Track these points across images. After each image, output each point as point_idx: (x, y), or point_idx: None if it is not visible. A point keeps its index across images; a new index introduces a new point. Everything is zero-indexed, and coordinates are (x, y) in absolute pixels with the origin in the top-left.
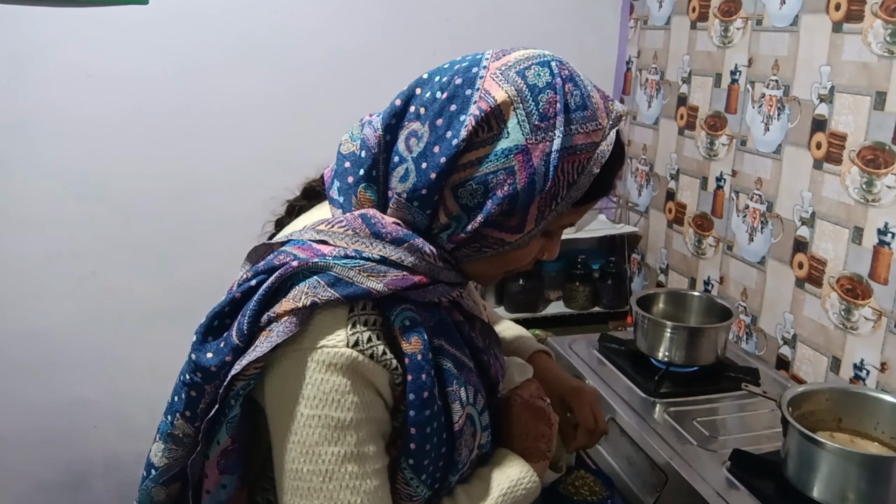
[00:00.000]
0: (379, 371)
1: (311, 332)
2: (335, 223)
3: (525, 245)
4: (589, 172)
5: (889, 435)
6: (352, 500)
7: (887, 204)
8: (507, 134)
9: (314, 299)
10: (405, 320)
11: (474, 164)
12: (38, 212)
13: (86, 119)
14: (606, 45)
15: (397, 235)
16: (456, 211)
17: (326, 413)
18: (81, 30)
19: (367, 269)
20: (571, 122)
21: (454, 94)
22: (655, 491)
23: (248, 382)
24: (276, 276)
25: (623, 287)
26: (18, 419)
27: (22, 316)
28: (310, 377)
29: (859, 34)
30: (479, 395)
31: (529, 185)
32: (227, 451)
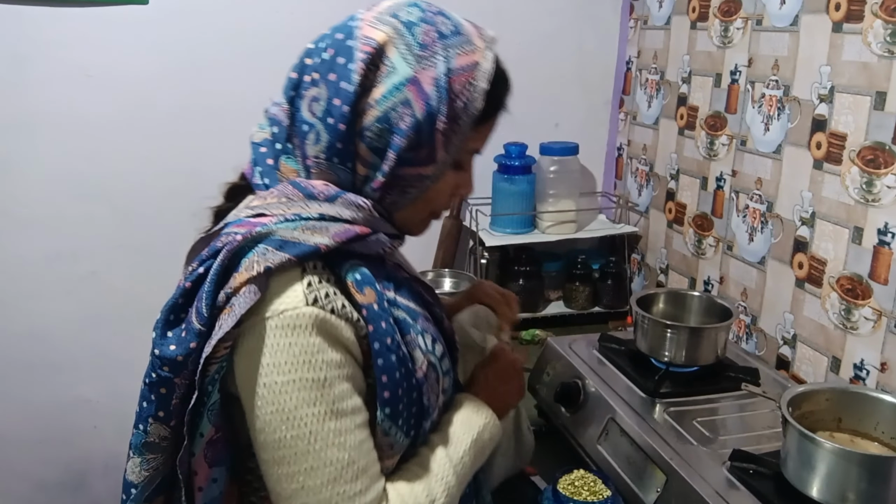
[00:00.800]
0: (342, 325)
1: (268, 300)
2: (267, 196)
3: (441, 176)
4: (479, 88)
5: (889, 435)
6: (340, 457)
7: (887, 204)
8: (395, 69)
9: (267, 264)
10: (356, 274)
11: (373, 106)
12: (38, 212)
13: (86, 119)
14: (606, 45)
15: (329, 193)
16: (370, 157)
17: (300, 376)
18: (81, 30)
19: (309, 227)
20: (450, 46)
21: (338, 48)
22: (655, 491)
23: (220, 365)
24: (223, 253)
25: (623, 287)
26: (18, 419)
27: (22, 316)
28: (276, 344)
29: (859, 34)
30: (437, 342)
31: (428, 111)
32: (213, 441)
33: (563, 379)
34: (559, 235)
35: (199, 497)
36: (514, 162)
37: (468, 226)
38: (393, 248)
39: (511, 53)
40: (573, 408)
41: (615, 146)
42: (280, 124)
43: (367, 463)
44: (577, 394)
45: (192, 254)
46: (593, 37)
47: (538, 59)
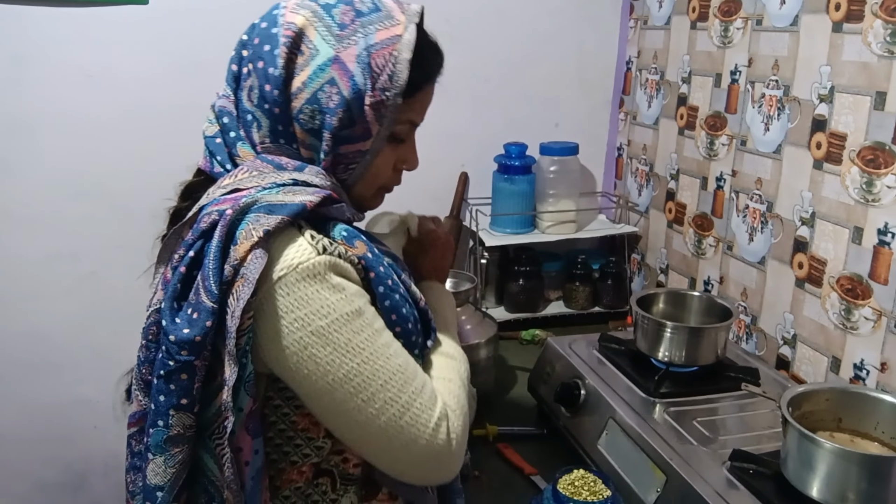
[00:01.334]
0: (350, 268)
1: (276, 262)
2: (237, 173)
3: (380, 151)
4: (403, 59)
5: (889, 435)
6: (400, 363)
7: (887, 204)
8: (317, 51)
9: (265, 227)
10: (342, 231)
11: (302, 90)
12: (38, 212)
13: (86, 119)
14: (606, 45)
15: (296, 164)
16: (308, 138)
17: (340, 313)
18: (81, 30)
19: (290, 190)
20: (369, 23)
21: (264, 36)
22: (655, 491)
23: (248, 337)
24: (220, 228)
25: (623, 287)
26: (18, 419)
27: (22, 316)
28: (304, 295)
29: (859, 34)
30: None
31: (353, 88)
32: (252, 413)
33: (563, 379)
34: (559, 235)
35: (247, 472)
36: (514, 162)
37: (468, 226)
38: (355, 219)
39: (511, 53)
40: (573, 408)
41: (615, 146)
42: (230, 114)
43: (413, 362)
44: (577, 394)
45: (165, 251)
46: (593, 37)
47: (538, 59)
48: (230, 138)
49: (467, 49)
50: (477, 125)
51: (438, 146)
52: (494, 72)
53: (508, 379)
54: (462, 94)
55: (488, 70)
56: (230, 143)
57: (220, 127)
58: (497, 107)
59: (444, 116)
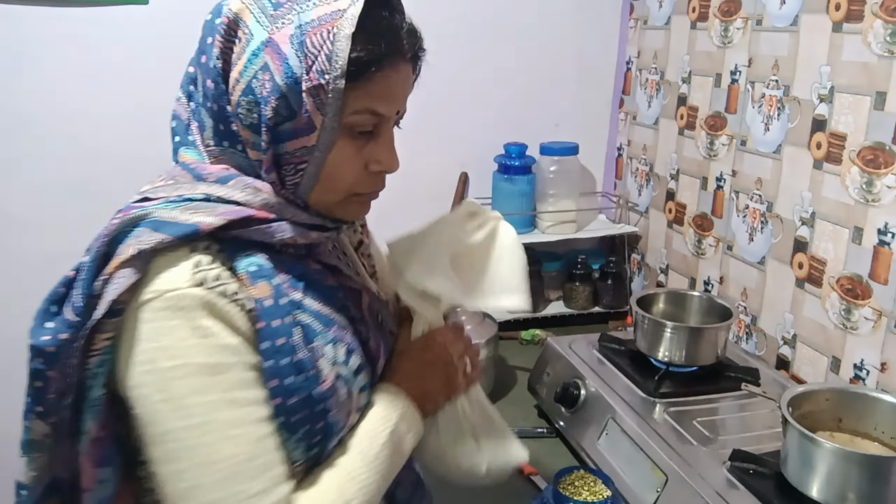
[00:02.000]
0: (234, 311)
1: (150, 282)
2: (156, 181)
3: (332, 145)
4: (343, 36)
5: (889, 435)
6: (235, 452)
7: (887, 204)
8: (252, 35)
9: (140, 247)
10: (251, 265)
11: (238, 80)
12: (38, 212)
13: (86, 119)
14: (606, 45)
15: (221, 175)
16: (249, 136)
17: (187, 361)
18: (81, 30)
19: (192, 207)
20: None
21: (207, 28)
22: (655, 491)
23: (102, 358)
24: (98, 239)
25: (623, 287)
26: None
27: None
28: (161, 327)
29: (859, 34)
30: (353, 354)
31: (287, 72)
32: (98, 440)
33: (563, 379)
34: (559, 235)
35: (86, 498)
36: (514, 162)
37: None
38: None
39: (511, 53)
40: (573, 408)
41: (615, 146)
42: (178, 118)
43: (268, 461)
44: (577, 394)
45: None
46: (593, 37)
47: (538, 59)
48: (175, 143)
49: (467, 49)
50: (477, 125)
51: (438, 146)
52: (495, 72)
53: (508, 379)
54: (462, 94)
55: (488, 70)
56: (175, 147)
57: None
58: (497, 107)
59: (443, 116)
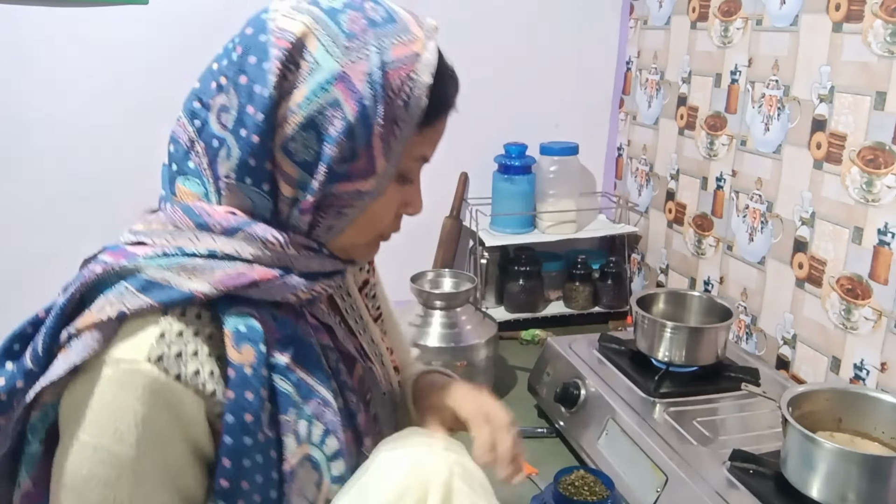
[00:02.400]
0: (188, 398)
1: (112, 345)
2: (153, 221)
3: (383, 192)
4: (422, 83)
5: (889, 435)
6: None
7: (887, 204)
8: (318, 65)
9: (121, 309)
10: (240, 325)
11: (295, 112)
12: (38, 212)
13: (86, 119)
14: (606, 45)
15: (229, 224)
16: (296, 173)
17: (104, 444)
18: (81, 30)
19: (188, 268)
20: (384, 35)
21: (248, 45)
22: (655, 491)
23: (44, 413)
24: (75, 285)
25: (623, 287)
26: None
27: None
28: (98, 396)
29: (859, 34)
30: (331, 436)
31: (361, 113)
32: (30, 495)
33: (563, 379)
34: (559, 235)
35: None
36: (514, 162)
37: (468, 226)
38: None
39: (511, 53)
40: (573, 408)
41: (615, 146)
42: (178, 142)
43: None
44: (577, 394)
45: None
46: (593, 37)
47: (538, 59)
48: (172, 171)
49: (467, 49)
50: (477, 125)
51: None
52: (494, 72)
53: (508, 379)
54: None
55: (488, 70)
56: (171, 177)
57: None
58: (497, 107)
59: None
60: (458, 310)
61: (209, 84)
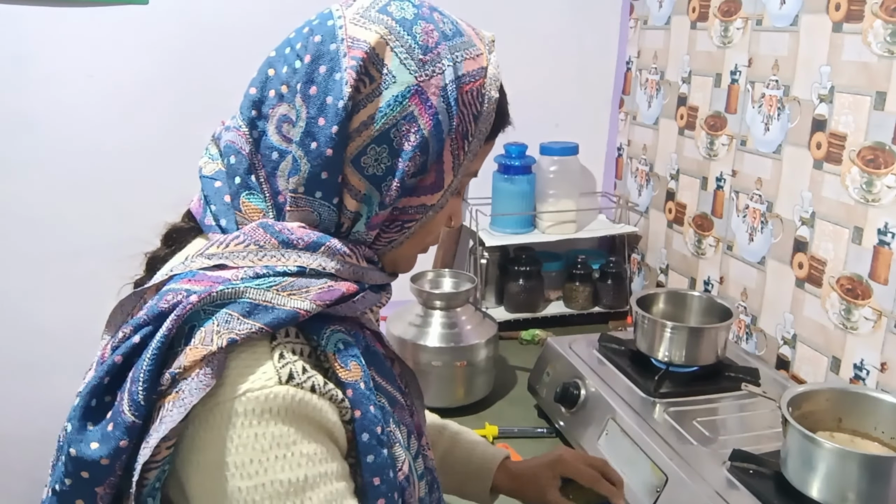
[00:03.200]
0: (326, 407)
1: (229, 380)
2: (230, 241)
3: (445, 206)
4: (491, 98)
5: (889, 435)
6: None
7: (887, 204)
8: (394, 78)
9: (231, 336)
10: (338, 343)
11: (368, 125)
12: (38, 212)
13: (86, 119)
14: (606, 45)
15: (310, 240)
16: (365, 188)
17: (272, 478)
18: (81, 30)
19: (286, 287)
20: (456, 48)
21: (318, 53)
22: (655, 491)
23: (162, 470)
24: (170, 319)
25: (623, 287)
26: (18, 419)
27: (22, 316)
28: (239, 437)
29: (859, 34)
30: (412, 436)
31: (436, 128)
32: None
33: (563, 379)
34: (559, 235)
35: None
36: (514, 162)
37: (468, 226)
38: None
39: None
40: (573, 408)
41: (615, 146)
42: (239, 153)
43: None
44: (577, 394)
45: (119, 313)
46: (593, 37)
47: (538, 59)
48: (234, 185)
49: None
50: None
51: None
52: None
53: (508, 379)
54: None
55: None
56: (233, 191)
57: (224, 167)
58: None
59: None
60: (458, 310)
61: (267, 92)
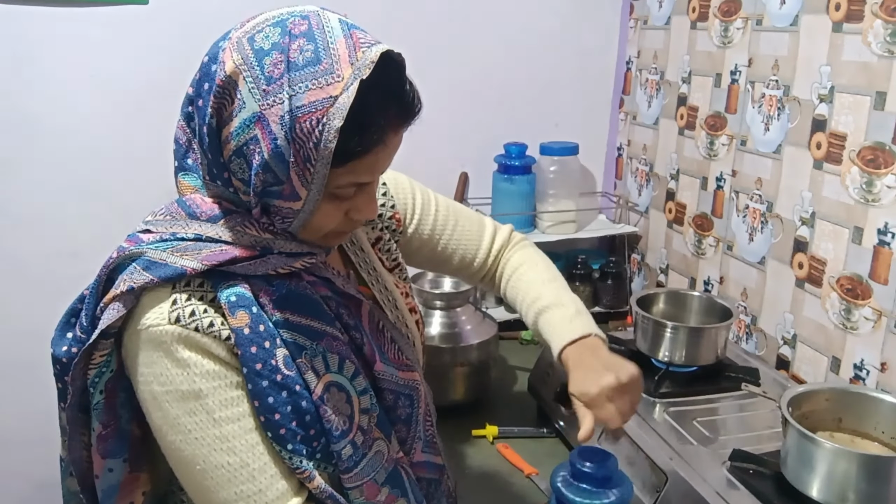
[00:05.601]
0: (210, 343)
1: (137, 315)
2: (158, 212)
3: (316, 209)
4: (332, 127)
5: (889, 435)
6: (230, 461)
7: (887, 204)
8: (244, 104)
9: (130, 284)
10: (231, 296)
11: (229, 139)
12: (38, 212)
13: (86, 119)
14: (606, 45)
15: (212, 213)
16: (240, 186)
17: (171, 388)
18: (81, 30)
19: (180, 249)
20: (298, 80)
21: (204, 72)
22: (655, 491)
23: (99, 370)
24: (101, 269)
25: (623, 287)
26: (18, 419)
27: (22, 316)
28: (147, 357)
29: (859, 34)
30: (346, 361)
31: (275, 152)
32: (102, 435)
33: (563, 379)
34: (559, 235)
35: (98, 483)
36: (514, 162)
37: None
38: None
39: (511, 53)
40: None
41: (615, 146)
42: (177, 142)
43: (263, 464)
44: None
45: None
46: (593, 37)
47: (538, 59)
48: (175, 167)
49: (467, 49)
50: (477, 125)
51: (438, 146)
52: (494, 72)
53: (508, 379)
54: (462, 94)
55: (488, 70)
56: (174, 171)
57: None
58: (497, 107)
59: (444, 116)
60: (458, 310)
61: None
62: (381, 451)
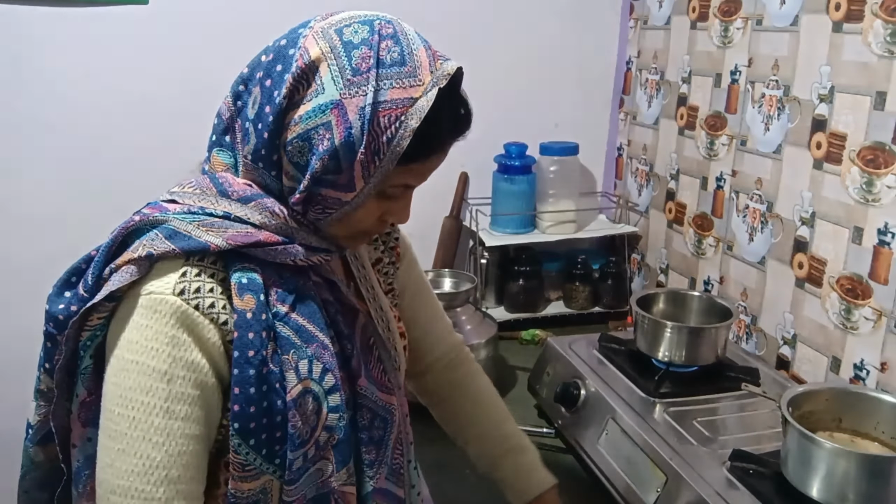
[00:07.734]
0: (205, 325)
1: (145, 280)
2: (186, 184)
3: (362, 205)
4: (408, 126)
5: (889, 435)
6: (152, 455)
7: (887, 204)
8: (323, 89)
9: (150, 250)
10: (242, 278)
11: (297, 122)
12: (38, 212)
13: (86, 119)
14: (606, 45)
15: (244, 194)
16: (291, 171)
17: (143, 360)
18: (81, 30)
19: (206, 224)
20: (385, 76)
21: (279, 54)
22: (655, 491)
23: (94, 333)
24: (118, 229)
25: (623, 287)
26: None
27: (22, 316)
28: (135, 321)
29: (859, 34)
30: (328, 373)
31: (347, 140)
32: (86, 402)
33: (563, 379)
34: (559, 235)
35: (74, 453)
36: (514, 162)
37: (468, 226)
38: (309, 262)
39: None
40: (573, 408)
41: (615, 146)
42: (220, 117)
43: (180, 476)
44: (577, 394)
45: None
46: (593, 37)
47: (538, 59)
48: (212, 141)
49: (467, 49)
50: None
51: None
52: (494, 72)
53: (508, 379)
54: None
55: (488, 70)
56: (209, 145)
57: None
58: (497, 107)
59: None
60: (458, 310)
61: (255, 73)
62: (322, 469)
